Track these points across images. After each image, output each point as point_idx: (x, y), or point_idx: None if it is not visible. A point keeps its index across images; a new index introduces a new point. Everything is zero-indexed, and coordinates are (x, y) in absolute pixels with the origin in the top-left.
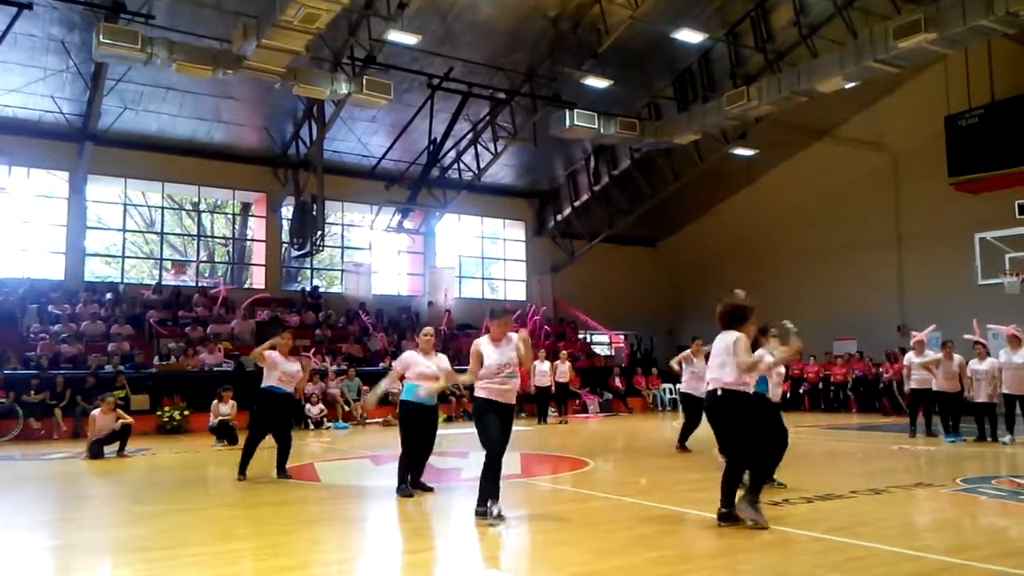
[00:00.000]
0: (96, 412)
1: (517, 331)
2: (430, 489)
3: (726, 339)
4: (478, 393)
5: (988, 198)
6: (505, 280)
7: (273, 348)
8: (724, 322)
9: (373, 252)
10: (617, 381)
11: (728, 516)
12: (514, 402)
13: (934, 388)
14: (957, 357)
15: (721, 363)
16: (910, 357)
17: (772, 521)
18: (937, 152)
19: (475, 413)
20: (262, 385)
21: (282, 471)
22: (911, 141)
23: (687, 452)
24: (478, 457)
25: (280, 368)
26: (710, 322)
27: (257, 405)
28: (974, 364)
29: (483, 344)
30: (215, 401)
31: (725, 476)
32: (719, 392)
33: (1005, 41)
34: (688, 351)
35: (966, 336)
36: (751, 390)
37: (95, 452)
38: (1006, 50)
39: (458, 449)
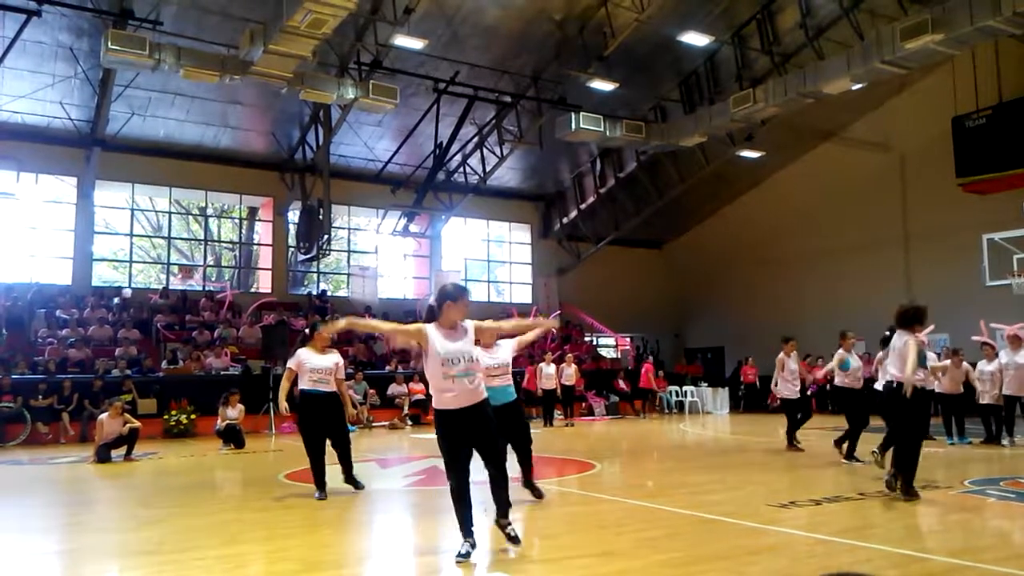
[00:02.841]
0: (103, 416)
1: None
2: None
3: (902, 338)
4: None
5: (996, 199)
6: (511, 283)
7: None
8: (898, 322)
9: (379, 256)
10: (623, 383)
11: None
12: (476, 401)
13: (936, 390)
14: (965, 365)
15: (897, 360)
16: None
17: (777, 523)
18: (944, 153)
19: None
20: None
21: (349, 477)
22: (918, 142)
23: (800, 451)
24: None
25: (308, 366)
26: (716, 324)
27: (297, 415)
28: (982, 365)
29: (431, 331)
30: (222, 405)
31: (900, 460)
32: (895, 384)
33: (1012, 42)
34: (781, 355)
35: (974, 338)
36: (928, 385)
37: (102, 456)
38: (1013, 50)
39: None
